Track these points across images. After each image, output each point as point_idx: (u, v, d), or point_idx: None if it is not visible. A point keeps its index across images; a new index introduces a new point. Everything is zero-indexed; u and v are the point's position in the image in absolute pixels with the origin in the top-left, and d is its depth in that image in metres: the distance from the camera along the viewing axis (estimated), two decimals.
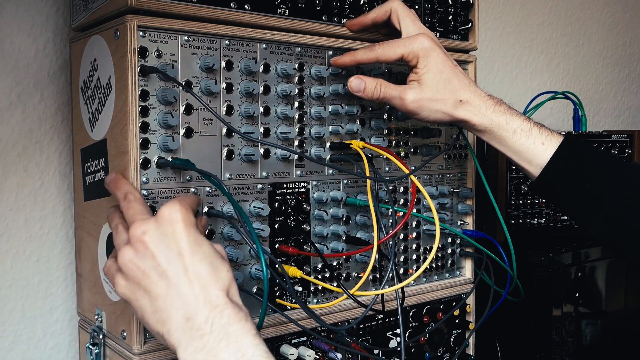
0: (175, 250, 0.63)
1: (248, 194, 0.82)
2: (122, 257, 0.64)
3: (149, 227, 0.64)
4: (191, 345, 0.60)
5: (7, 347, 0.95)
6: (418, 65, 0.84)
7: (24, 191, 0.95)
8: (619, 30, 1.97)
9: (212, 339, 0.60)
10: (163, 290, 0.62)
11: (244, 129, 0.80)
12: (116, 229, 0.68)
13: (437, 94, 0.84)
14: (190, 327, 0.61)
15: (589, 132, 1.33)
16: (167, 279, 0.62)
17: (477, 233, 1.06)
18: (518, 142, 0.84)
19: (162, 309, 0.62)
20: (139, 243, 0.63)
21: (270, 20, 0.82)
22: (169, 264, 0.62)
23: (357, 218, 0.93)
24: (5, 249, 0.94)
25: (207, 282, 0.62)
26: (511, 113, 0.85)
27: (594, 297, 1.24)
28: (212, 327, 0.60)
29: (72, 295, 0.99)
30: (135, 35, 0.71)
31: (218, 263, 0.65)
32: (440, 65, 0.84)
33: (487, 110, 0.85)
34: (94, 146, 0.82)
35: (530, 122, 0.85)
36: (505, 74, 1.65)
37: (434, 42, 0.85)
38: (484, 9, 1.56)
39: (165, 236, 0.63)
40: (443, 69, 0.84)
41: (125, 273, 0.64)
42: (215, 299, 0.62)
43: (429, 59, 0.84)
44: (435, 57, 0.84)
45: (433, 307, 1.04)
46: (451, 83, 0.84)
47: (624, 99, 2.02)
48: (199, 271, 0.63)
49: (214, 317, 0.61)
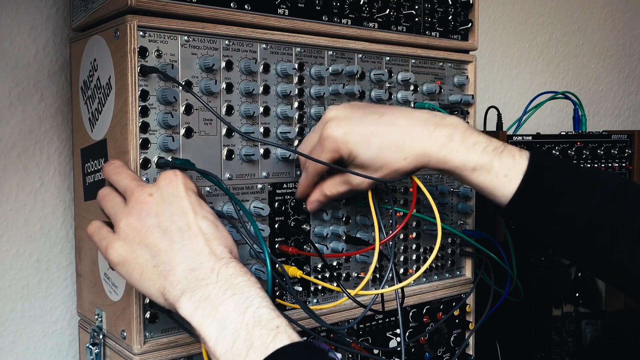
0: (178, 209, 0.63)
1: (248, 194, 0.82)
2: (124, 221, 0.63)
3: (151, 190, 0.64)
4: (195, 294, 0.59)
5: (7, 347, 0.95)
6: (348, 159, 0.76)
7: (24, 191, 0.95)
8: (619, 30, 1.97)
9: (218, 289, 0.59)
10: (166, 244, 0.62)
11: (244, 128, 0.80)
12: (109, 195, 0.67)
13: (386, 166, 0.75)
14: (195, 277, 0.60)
15: (589, 132, 1.33)
16: (171, 234, 0.62)
17: (477, 233, 1.06)
18: (479, 180, 0.75)
19: (164, 261, 0.61)
20: (142, 204, 0.63)
21: (270, 20, 0.82)
22: (173, 221, 0.62)
23: (357, 218, 0.93)
24: (5, 249, 0.94)
25: (210, 238, 0.62)
26: (465, 146, 0.74)
27: (594, 297, 1.24)
28: (218, 277, 0.60)
29: (72, 295, 0.99)
30: (135, 35, 0.72)
31: (220, 224, 0.65)
32: (365, 134, 0.75)
33: (437, 152, 0.75)
34: (94, 146, 0.82)
35: (489, 152, 0.74)
36: (505, 74, 1.65)
37: (323, 121, 0.76)
38: (484, 9, 1.56)
39: (167, 196, 0.63)
40: (369, 136, 0.74)
41: (125, 236, 0.63)
42: (219, 253, 0.62)
43: (346, 142, 0.75)
44: (351, 128, 0.75)
45: (433, 307, 1.04)
46: (383, 151, 0.75)
47: (624, 99, 2.02)
48: (202, 227, 0.63)
49: (219, 267, 0.60)
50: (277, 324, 0.57)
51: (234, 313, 0.58)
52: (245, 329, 0.57)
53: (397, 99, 0.97)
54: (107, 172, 0.70)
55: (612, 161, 1.31)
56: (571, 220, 0.74)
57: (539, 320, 1.17)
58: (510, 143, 1.19)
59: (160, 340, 0.76)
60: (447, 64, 1.04)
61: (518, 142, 1.20)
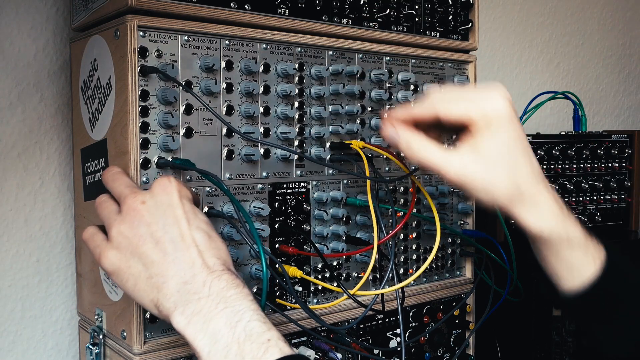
0: (171, 219, 0.62)
1: (248, 194, 0.82)
2: (116, 228, 0.63)
3: (144, 197, 0.63)
4: (188, 308, 0.59)
5: (7, 347, 0.95)
6: (482, 132, 0.65)
7: (24, 191, 0.95)
8: (619, 30, 1.97)
9: (210, 302, 0.59)
10: (159, 256, 0.61)
11: (244, 129, 0.80)
12: (105, 202, 0.67)
13: (494, 173, 0.65)
14: (187, 290, 0.60)
15: (589, 132, 1.33)
16: (164, 245, 0.62)
17: (477, 233, 1.06)
18: (573, 256, 0.69)
19: (157, 274, 0.61)
20: (134, 212, 0.63)
21: (271, 20, 0.82)
22: (165, 231, 0.62)
23: (357, 218, 0.93)
24: (5, 249, 0.94)
25: (203, 250, 0.62)
26: (570, 219, 0.69)
27: None
28: (210, 291, 0.60)
29: (72, 295, 0.99)
30: (135, 35, 0.71)
31: (213, 234, 0.65)
32: (512, 140, 0.65)
33: (551, 215, 0.67)
34: (94, 146, 0.82)
35: (582, 230, 0.70)
36: (505, 74, 1.65)
37: (512, 107, 0.65)
38: (484, 9, 1.56)
39: (161, 205, 0.63)
40: (514, 146, 0.65)
41: (118, 244, 0.63)
42: (212, 265, 0.61)
43: (500, 128, 0.65)
44: (510, 129, 0.65)
45: (433, 307, 1.04)
46: (517, 167, 0.66)
47: (624, 99, 2.02)
48: (196, 238, 0.62)
49: (211, 281, 0.60)
50: (268, 337, 0.57)
51: (225, 327, 0.58)
52: (236, 344, 0.57)
53: (397, 99, 0.97)
54: (105, 179, 0.70)
55: (612, 161, 1.31)
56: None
57: (539, 320, 1.17)
58: None
59: (160, 340, 0.76)
60: (447, 64, 1.04)
61: None
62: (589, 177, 1.29)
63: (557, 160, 1.24)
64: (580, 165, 1.27)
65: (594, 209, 1.29)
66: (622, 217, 1.34)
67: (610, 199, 1.31)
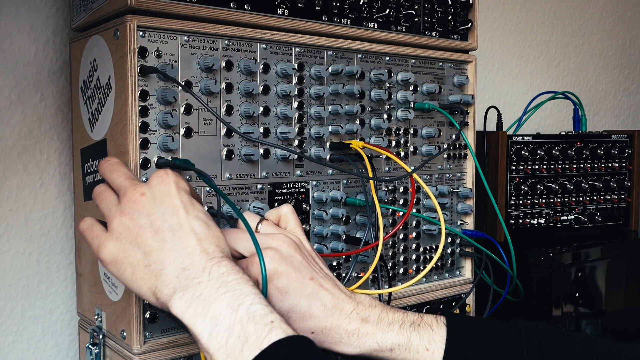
0: (169, 208, 0.63)
1: (248, 194, 0.82)
2: (117, 220, 0.63)
3: (143, 189, 0.64)
4: (187, 293, 0.59)
5: (7, 347, 0.95)
6: None
7: (24, 191, 0.95)
8: (619, 30, 1.97)
9: (210, 287, 0.59)
10: (158, 244, 0.61)
11: (244, 129, 0.80)
12: (104, 193, 0.67)
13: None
14: (186, 276, 0.60)
15: (589, 132, 1.33)
16: (162, 233, 0.62)
17: (477, 233, 1.06)
18: (399, 359, 0.71)
19: (156, 261, 0.61)
20: (134, 204, 0.63)
21: (270, 20, 0.82)
22: (164, 220, 0.62)
23: (356, 218, 0.93)
24: (5, 249, 0.94)
25: (202, 238, 0.62)
26: (381, 326, 0.71)
27: (594, 297, 1.24)
28: (210, 276, 0.60)
29: (72, 295, 0.99)
30: (135, 35, 0.72)
31: (212, 223, 0.65)
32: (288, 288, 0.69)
33: (353, 338, 0.70)
34: (93, 146, 0.82)
35: (406, 329, 0.72)
36: (505, 74, 1.65)
37: (283, 260, 0.69)
38: (484, 9, 1.56)
39: (159, 195, 0.63)
40: (286, 294, 0.69)
41: (118, 235, 0.63)
42: (211, 252, 0.62)
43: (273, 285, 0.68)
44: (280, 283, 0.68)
45: (433, 306, 1.04)
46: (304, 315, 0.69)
47: (624, 99, 2.02)
48: (194, 227, 0.63)
49: (211, 266, 0.60)
50: (272, 319, 0.57)
51: (226, 310, 0.57)
52: (239, 325, 0.56)
53: (396, 99, 0.97)
54: (103, 169, 0.70)
55: (612, 161, 1.31)
56: None
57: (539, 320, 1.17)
58: (510, 143, 1.20)
59: (160, 340, 0.76)
60: (446, 64, 1.04)
61: (518, 141, 1.20)
62: (589, 177, 1.29)
63: (557, 160, 1.24)
64: (580, 165, 1.27)
65: (594, 209, 1.30)
66: (622, 217, 1.34)
67: (610, 199, 1.31)
